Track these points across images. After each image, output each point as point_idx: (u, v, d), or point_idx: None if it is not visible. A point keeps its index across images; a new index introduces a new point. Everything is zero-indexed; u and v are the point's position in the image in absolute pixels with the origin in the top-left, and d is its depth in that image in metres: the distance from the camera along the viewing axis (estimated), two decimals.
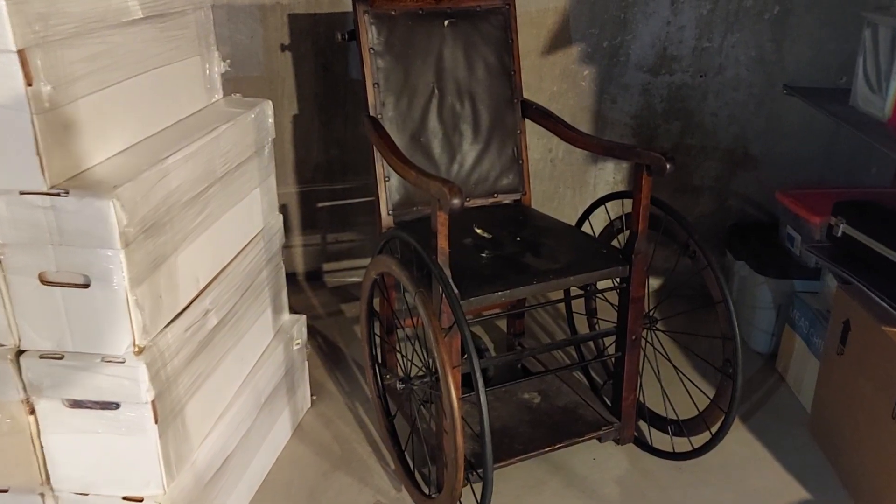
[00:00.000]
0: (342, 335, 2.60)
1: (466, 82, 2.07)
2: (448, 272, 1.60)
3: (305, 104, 2.69)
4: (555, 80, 2.62)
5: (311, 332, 2.60)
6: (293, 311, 2.13)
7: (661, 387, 1.97)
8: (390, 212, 2.00)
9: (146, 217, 1.37)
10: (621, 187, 2.76)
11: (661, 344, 1.97)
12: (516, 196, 2.16)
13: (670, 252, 2.67)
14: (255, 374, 1.83)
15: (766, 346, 2.43)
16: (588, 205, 2.76)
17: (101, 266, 1.33)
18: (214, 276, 1.63)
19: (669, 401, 1.94)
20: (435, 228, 1.58)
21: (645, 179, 1.75)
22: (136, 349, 1.39)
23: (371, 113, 1.96)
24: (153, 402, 1.42)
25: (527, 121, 2.15)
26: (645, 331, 1.89)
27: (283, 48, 2.61)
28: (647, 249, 1.80)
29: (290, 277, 2.95)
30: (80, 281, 1.34)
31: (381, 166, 1.97)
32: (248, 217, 1.79)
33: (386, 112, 1.98)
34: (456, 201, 1.48)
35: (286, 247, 2.82)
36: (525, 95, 2.14)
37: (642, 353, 1.90)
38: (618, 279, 1.83)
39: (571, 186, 2.76)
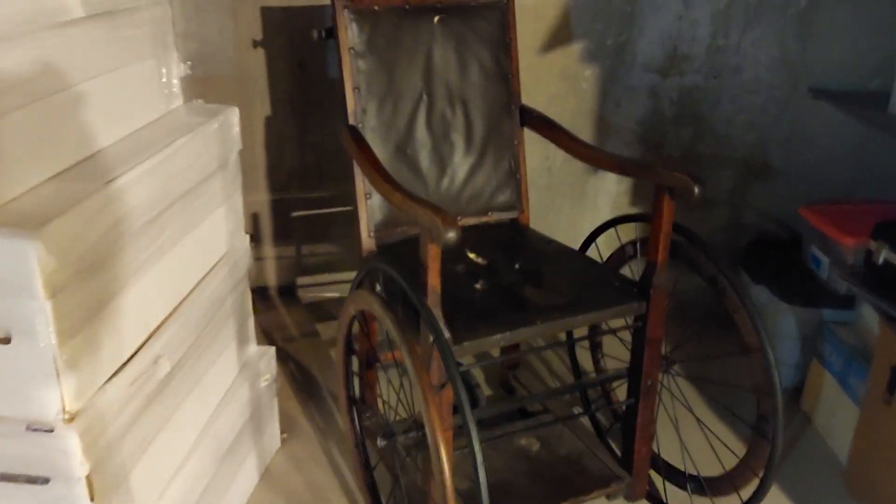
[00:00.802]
0: (317, 360, 2.35)
1: (458, 86, 1.83)
2: (440, 315, 1.36)
3: (279, 105, 2.43)
4: (553, 80, 2.38)
5: (283, 357, 2.35)
6: (267, 339, 1.89)
7: (680, 437, 1.74)
8: (372, 233, 1.76)
9: (83, 256, 1.13)
10: (624, 199, 2.53)
11: (679, 388, 1.74)
12: (513, 214, 1.93)
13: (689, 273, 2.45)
14: (216, 421, 1.59)
15: (789, 379, 2.21)
16: (588, 219, 2.55)
17: (24, 319, 1.08)
18: (168, 315, 1.38)
19: (689, 454, 1.71)
20: (425, 264, 1.34)
21: (667, 204, 1.52)
22: (67, 416, 1.14)
23: (350, 121, 1.72)
24: (88, 476, 1.17)
25: (525, 130, 1.91)
26: (661, 374, 1.66)
27: (256, 44, 2.36)
28: (668, 283, 1.57)
29: (262, 292, 2.70)
30: (0, 335, 1.10)
31: (361, 181, 1.72)
32: (209, 241, 1.54)
33: (367, 120, 1.73)
34: (451, 234, 1.24)
35: (257, 259, 2.58)
36: (522, 97, 1.90)
37: (658, 400, 1.67)
38: (631, 317, 1.60)
39: (570, 197, 2.53)
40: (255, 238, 2.62)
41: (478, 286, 1.62)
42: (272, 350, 1.87)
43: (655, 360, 1.63)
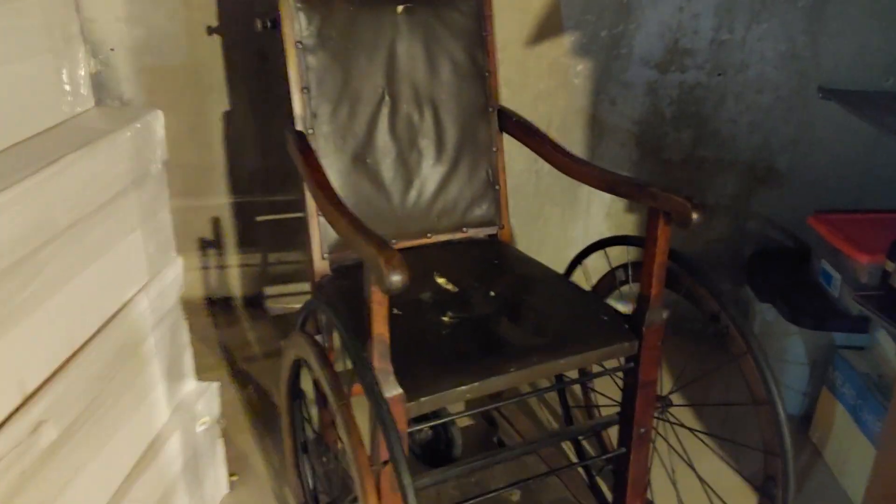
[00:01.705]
0: (279, 384, 2.13)
1: (427, 86, 1.60)
2: (388, 368, 1.14)
3: (238, 99, 2.20)
4: (542, 76, 2.14)
5: (243, 378, 2.14)
6: (227, 358, 1.66)
7: (677, 491, 1.52)
8: (326, 254, 1.53)
9: None
10: (619, 206, 2.30)
11: (676, 435, 1.52)
12: (491, 230, 1.70)
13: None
14: (136, 482, 1.36)
15: (796, 407, 1.99)
16: (580, 228, 2.32)
17: None
18: (55, 370, 1.15)
19: None
20: (368, 307, 1.11)
21: (662, 229, 1.29)
22: None
23: (298, 126, 1.49)
24: None
25: (505, 135, 1.68)
26: (656, 419, 1.44)
27: (211, 31, 2.12)
28: (662, 319, 1.35)
29: (225, 303, 2.48)
30: None
31: (311, 197, 1.49)
32: (119, 273, 1.32)
33: (319, 126, 1.50)
34: (396, 279, 1.02)
35: (220, 267, 2.35)
36: (507, 93, 1.68)
37: (652, 447, 1.45)
38: (622, 357, 1.38)
39: (560, 204, 2.30)
40: (217, 244, 2.40)
41: (445, 318, 1.40)
42: (214, 386, 1.65)
43: (649, 405, 1.41)
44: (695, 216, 1.21)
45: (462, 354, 1.29)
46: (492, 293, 1.49)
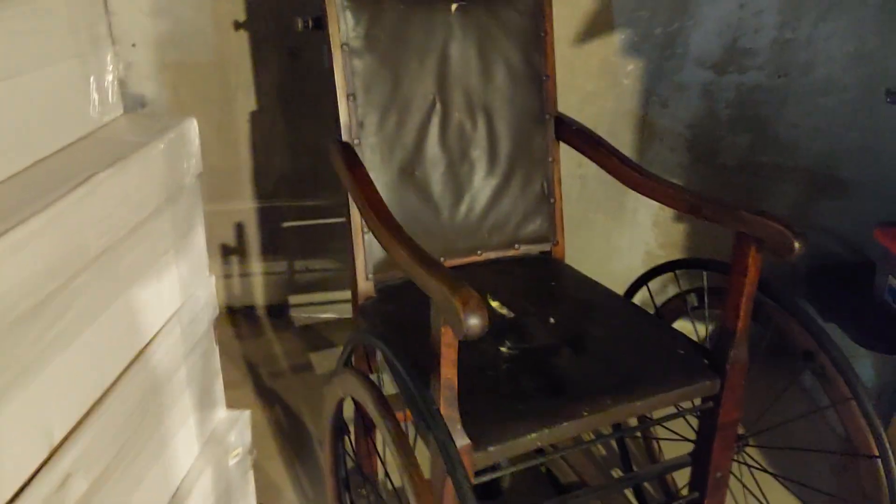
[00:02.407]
0: (309, 402, 2.01)
1: (480, 92, 1.47)
2: (456, 416, 1.02)
3: (266, 99, 2.07)
4: (590, 76, 2.01)
5: (269, 397, 2.02)
6: (251, 373, 1.55)
7: None
8: (370, 274, 1.41)
9: None
10: (668, 213, 2.17)
11: (753, 477, 1.39)
12: (545, 247, 1.57)
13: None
14: None
15: None
16: (626, 237, 2.19)
17: None
18: (83, 416, 1.03)
19: None
20: (436, 350, 0.98)
21: (753, 258, 1.16)
22: None
23: (343, 137, 1.36)
24: None
25: (562, 144, 1.55)
26: (734, 461, 1.32)
27: (238, 26, 1.99)
28: (747, 356, 1.22)
29: (248, 313, 2.36)
30: None
31: (357, 213, 1.37)
32: (151, 301, 1.19)
33: (365, 136, 1.37)
34: (474, 323, 0.89)
35: (243, 275, 2.23)
36: (557, 104, 1.54)
37: (728, 491, 1.33)
38: (699, 397, 1.25)
39: (605, 211, 2.17)
40: (241, 251, 2.28)
41: (503, 349, 1.27)
42: (245, 416, 1.52)
43: (728, 448, 1.28)
44: (797, 246, 1.08)
45: (527, 395, 1.17)
46: (551, 320, 1.36)
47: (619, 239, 2.20)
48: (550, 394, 1.17)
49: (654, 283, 1.54)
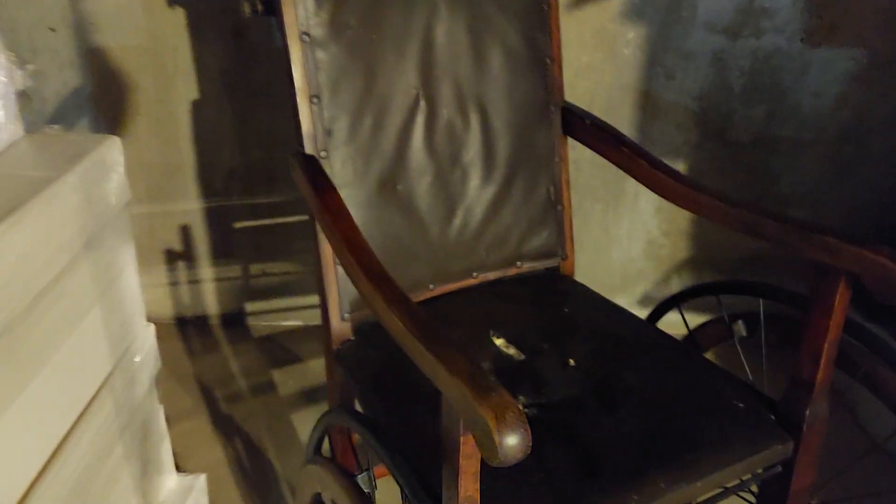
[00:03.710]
0: (273, 433, 1.75)
1: (472, 83, 1.19)
2: None
3: (210, 86, 1.77)
4: (585, 46, 1.74)
5: (226, 429, 1.75)
6: (206, 398, 1.31)
7: None
8: (346, 314, 1.14)
9: None
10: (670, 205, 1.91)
11: None
12: (551, 262, 1.32)
13: None
14: None
15: None
16: (625, 227, 1.94)
17: None
18: None
19: None
20: (452, 461, 0.73)
21: (841, 296, 0.92)
22: None
23: (307, 148, 1.08)
24: None
25: (569, 140, 1.29)
26: None
27: (172, 3, 1.68)
28: (827, 412, 0.99)
29: (200, 323, 2.08)
30: None
31: (326, 243, 1.10)
32: (71, 379, 0.92)
33: (334, 146, 1.09)
34: (513, 444, 0.64)
35: (192, 282, 1.94)
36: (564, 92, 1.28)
37: None
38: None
39: (602, 199, 1.91)
40: (188, 256, 1.99)
41: None
42: (200, 481, 1.26)
43: None
44: None
45: (556, 477, 0.92)
46: (571, 361, 1.12)
47: (618, 228, 1.95)
48: (586, 474, 0.92)
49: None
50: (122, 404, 1.03)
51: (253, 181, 1.89)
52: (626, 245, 1.99)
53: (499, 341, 1.17)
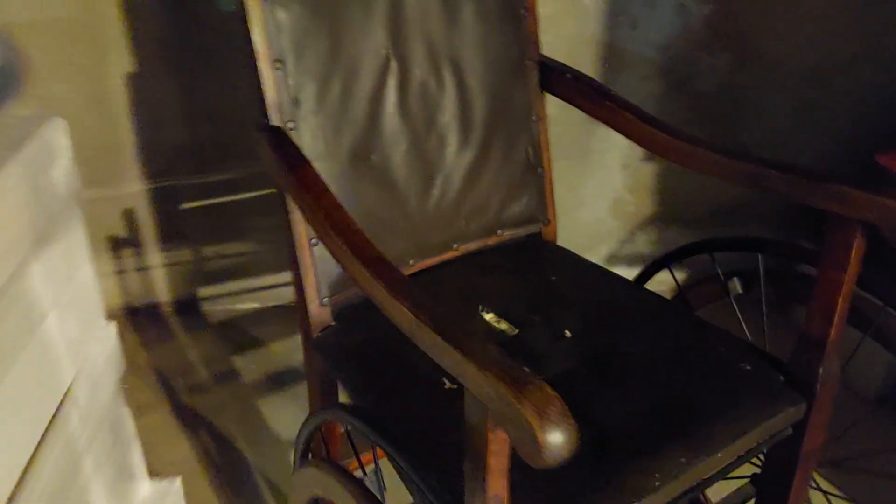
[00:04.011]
0: (240, 423, 1.66)
1: (444, 40, 1.10)
2: None
3: (148, 58, 1.64)
4: None
5: (191, 423, 1.66)
6: (166, 391, 1.23)
7: None
8: (325, 298, 1.05)
9: None
10: (638, 155, 1.87)
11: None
12: (533, 228, 1.25)
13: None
14: None
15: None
16: (593, 184, 1.89)
17: None
18: None
19: None
20: (480, 458, 0.66)
21: (857, 249, 0.87)
22: None
23: (273, 120, 0.98)
24: None
25: (547, 96, 1.22)
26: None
27: None
28: (839, 371, 0.95)
29: (152, 311, 1.96)
30: None
31: (300, 222, 1.01)
32: (31, 393, 0.82)
33: (303, 116, 1.00)
34: (558, 442, 0.57)
35: (140, 269, 1.83)
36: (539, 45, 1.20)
37: None
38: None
39: (568, 157, 1.85)
40: (134, 241, 1.87)
41: None
42: (175, 485, 1.17)
43: (808, 479, 1.03)
44: None
45: (571, 461, 0.86)
46: (566, 332, 1.05)
47: (584, 187, 1.90)
48: (602, 455, 0.87)
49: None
50: (88, 414, 0.94)
51: (201, 158, 1.77)
52: (592, 204, 1.94)
53: (489, 316, 1.10)
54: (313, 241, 1.03)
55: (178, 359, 1.84)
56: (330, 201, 0.86)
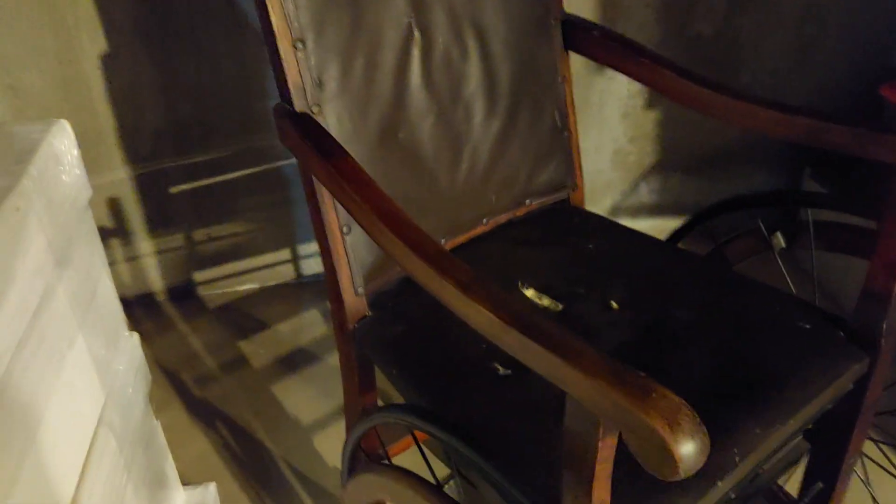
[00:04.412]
0: (257, 412, 1.60)
1: (466, 3, 1.03)
2: None
3: (121, 38, 1.54)
4: None
5: (205, 417, 1.60)
6: (173, 383, 1.18)
7: None
8: (360, 287, 1.00)
9: None
10: (639, 103, 1.82)
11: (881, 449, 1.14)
12: (561, 195, 1.20)
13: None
14: None
15: None
16: (592, 137, 1.83)
17: None
18: None
19: None
20: (589, 474, 0.62)
21: None
22: None
23: (297, 105, 0.91)
24: None
25: (572, 55, 1.15)
26: None
27: None
28: None
29: (146, 301, 1.89)
30: None
31: (331, 209, 0.94)
32: (68, 428, 0.75)
33: (328, 98, 0.93)
34: (692, 451, 0.52)
35: (130, 259, 1.75)
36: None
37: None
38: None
39: None
40: (122, 231, 1.78)
41: None
42: (211, 490, 1.12)
43: (866, 430, 1.01)
44: None
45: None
46: (613, 304, 1.01)
47: (584, 140, 1.84)
48: None
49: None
50: (123, 437, 0.87)
51: (185, 140, 1.68)
52: (593, 156, 1.89)
53: (529, 292, 1.05)
54: (345, 228, 0.96)
55: (181, 350, 1.77)
56: (376, 194, 0.80)
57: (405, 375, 0.93)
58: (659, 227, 2.01)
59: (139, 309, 1.88)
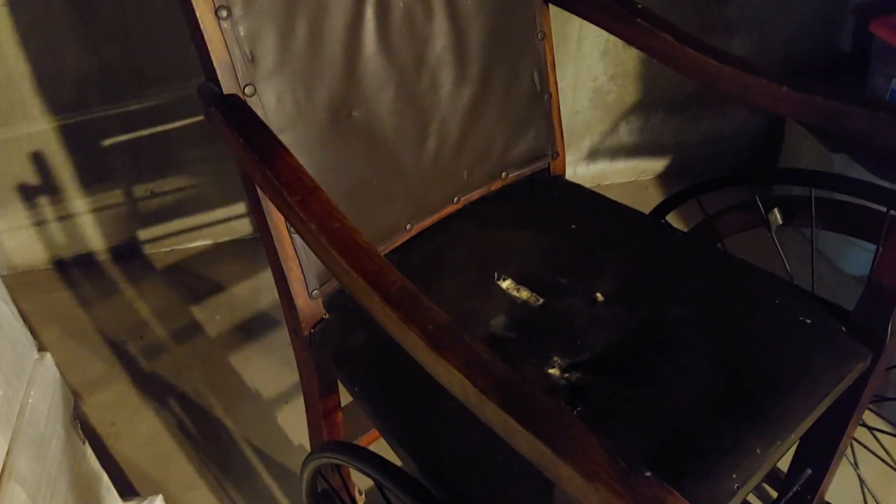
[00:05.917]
0: (212, 385, 1.48)
1: None
2: None
3: None
4: None
5: (155, 393, 1.47)
6: (119, 357, 1.07)
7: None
8: (314, 291, 0.86)
9: None
10: (619, 40, 1.65)
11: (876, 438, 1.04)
12: (541, 164, 1.06)
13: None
14: None
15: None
16: (569, 77, 1.68)
17: None
18: None
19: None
20: None
21: None
22: None
23: (225, 87, 0.75)
24: None
25: (551, 9, 1.00)
26: None
27: None
28: None
29: (86, 262, 1.74)
30: None
31: (275, 210, 0.80)
32: None
33: (263, 76, 0.77)
34: None
35: (62, 218, 1.59)
36: None
37: None
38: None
39: None
40: (49, 188, 1.61)
41: (554, 373, 0.81)
42: (157, 501, 1.00)
43: (860, 417, 0.91)
44: None
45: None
46: (597, 296, 0.89)
47: (561, 78, 1.69)
48: (669, 457, 0.72)
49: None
50: (38, 483, 0.74)
51: (114, 86, 1.50)
52: (570, 96, 1.74)
53: (506, 284, 0.92)
54: (293, 230, 0.82)
55: (126, 316, 1.63)
56: (325, 210, 0.65)
57: (367, 398, 0.81)
58: (638, 167, 1.89)
59: (77, 270, 1.73)
